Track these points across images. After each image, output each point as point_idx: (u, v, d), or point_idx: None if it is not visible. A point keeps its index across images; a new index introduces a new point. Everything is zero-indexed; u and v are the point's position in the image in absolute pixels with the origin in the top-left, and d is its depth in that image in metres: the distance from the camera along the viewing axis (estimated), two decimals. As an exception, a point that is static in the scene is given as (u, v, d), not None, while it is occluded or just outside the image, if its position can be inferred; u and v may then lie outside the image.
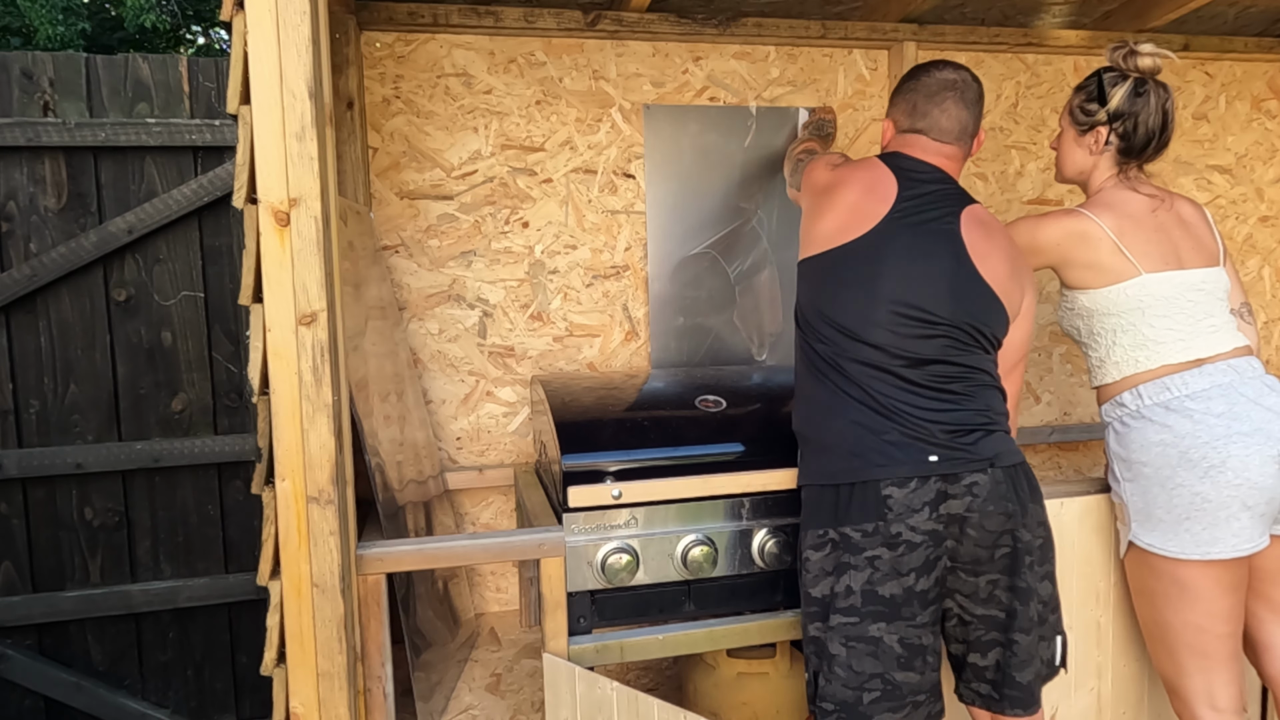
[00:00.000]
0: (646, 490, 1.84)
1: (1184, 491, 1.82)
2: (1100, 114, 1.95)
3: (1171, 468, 1.83)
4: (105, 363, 2.73)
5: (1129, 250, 1.90)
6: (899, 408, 1.69)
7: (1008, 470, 1.70)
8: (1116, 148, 1.96)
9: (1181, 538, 1.83)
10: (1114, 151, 1.97)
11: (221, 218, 2.78)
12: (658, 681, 2.65)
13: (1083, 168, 2.02)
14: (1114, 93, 1.92)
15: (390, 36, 2.34)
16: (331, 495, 1.53)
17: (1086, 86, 1.99)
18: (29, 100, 2.64)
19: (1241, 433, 1.81)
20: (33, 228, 2.65)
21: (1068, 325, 2.06)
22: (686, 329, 2.55)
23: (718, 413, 2.00)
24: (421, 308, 2.41)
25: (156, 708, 2.84)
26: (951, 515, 1.66)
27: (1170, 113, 1.94)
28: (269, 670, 1.59)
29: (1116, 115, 1.93)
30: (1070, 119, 2.02)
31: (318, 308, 1.50)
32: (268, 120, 1.45)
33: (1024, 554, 1.69)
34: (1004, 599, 1.70)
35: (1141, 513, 1.89)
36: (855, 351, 1.72)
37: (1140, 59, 1.91)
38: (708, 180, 2.53)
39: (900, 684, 1.65)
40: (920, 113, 1.85)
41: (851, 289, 1.73)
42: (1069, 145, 2.03)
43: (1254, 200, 2.99)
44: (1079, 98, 2.00)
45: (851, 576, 1.66)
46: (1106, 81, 1.94)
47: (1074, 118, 2.01)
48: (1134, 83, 1.92)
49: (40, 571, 2.73)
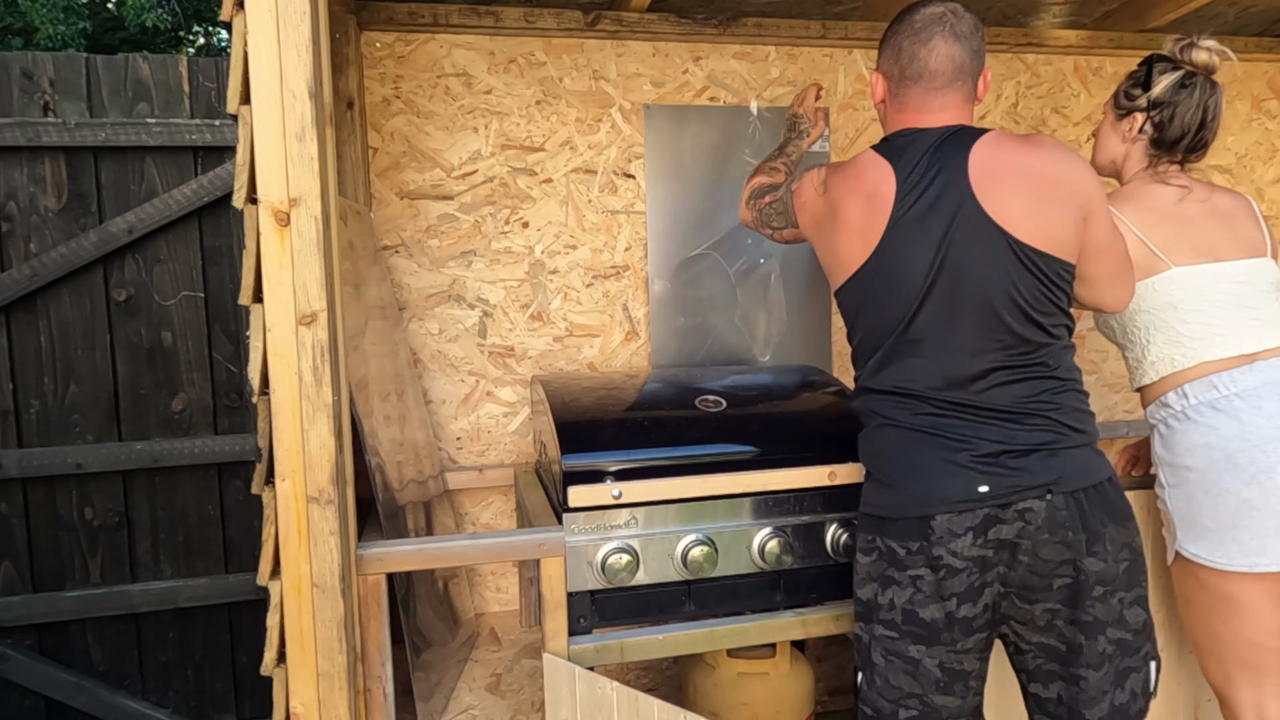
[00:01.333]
0: (646, 490, 1.84)
1: (1230, 498, 1.73)
2: (1141, 99, 1.89)
3: (1217, 472, 1.75)
4: (105, 363, 2.73)
5: (1154, 244, 1.83)
6: (947, 433, 1.57)
7: (1071, 496, 1.55)
8: (1150, 138, 1.90)
9: (1228, 547, 1.75)
10: (1146, 141, 1.91)
11: (222, 218, 2.78)
12: (658, 681, 2.65)
13: (1115, 155, 1.96)
14: (1159, 80, 1.87)
15: (390, 36, 2.34)
16: (331, 495, 1.53)
17: (1136, 72, 1.93)
18: (29, 100, 2.64)
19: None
20: (33, 228, 2.65)
21: (1102, 325, 1.99)
22: (686, 329, 2.55)
23: (718, 413, 2.00)
24: (421, 308, 2.41)
25: (156, 708, 2.84)
26: (1002, 541, 1.55)
27: (1212, 111, 1.87)
28: (269, 670, 1.59)
29: (1156, 103, 1.87)
30: (1113, 103, 1.96)
31: (318, 308, 1.50)
32: (268, 120, 1.45)
33: (1091, 584, 1.55)
34: (1065, 631, 1.58)
35: (1186, 520, 1.81)
36: (892, 376, 1.62)
37: (1197, 52, 1.85)
38: (708, 180, 2.53)
39: (939, 707, 1.59)
40: (908, 56, 1.65)
41: (877, 311, 1.63)
42: (1105, 131, 1.98)
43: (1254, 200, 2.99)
44: (1126, 83, 1.94)
45: (895, 592, 1.60)
46: (1156, 69, 1.88)
47: (1116, 102, 1.95)
48: (1183, 74, 1.86)
49: (40, 571, 2.73)
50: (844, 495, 1.96)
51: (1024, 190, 1.56)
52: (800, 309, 2.62)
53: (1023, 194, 1.55)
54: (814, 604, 1.98)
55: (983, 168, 1.57)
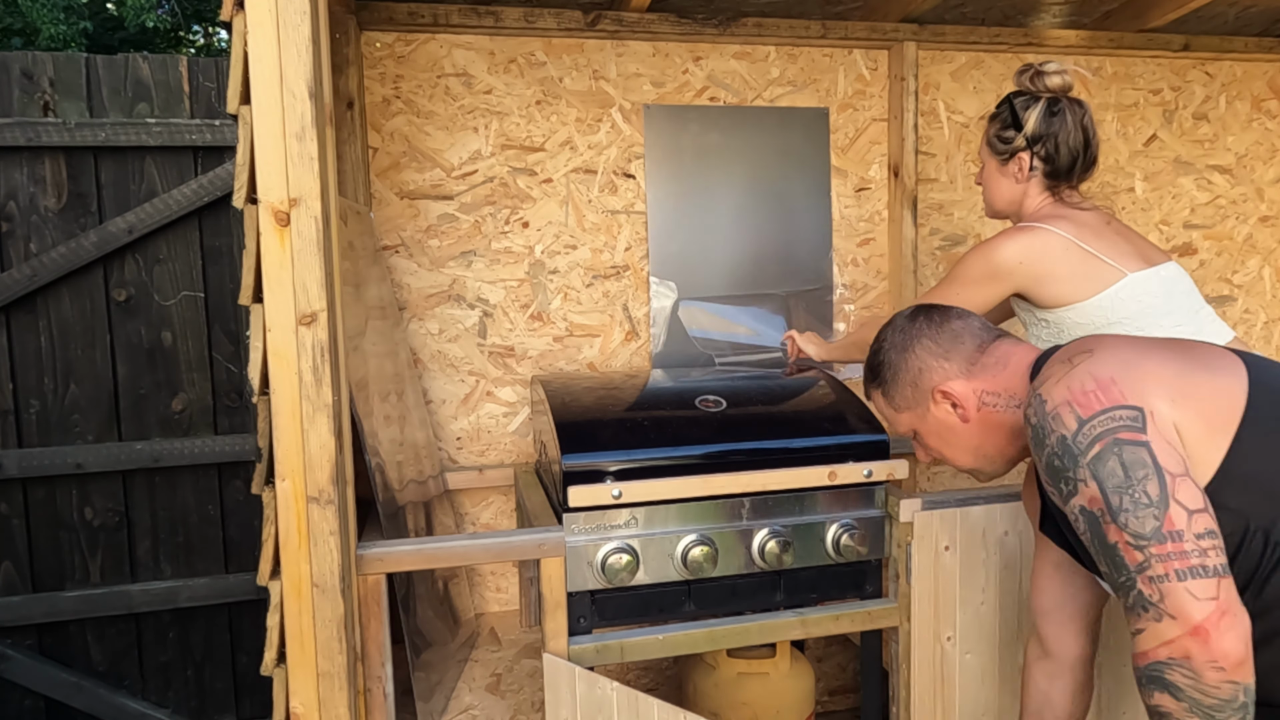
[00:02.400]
0: (646, 490, 1.84)
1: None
2: (1018, 139, 1.87)
3: None
4: (105, 363, 2.73)
5: (1102, 254, 1.80)
6: None
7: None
8: (1042, 171, 1.88)
9: None
10: (1040, 176, 1.89)
11: (222, 218, 2.78)
12: (658, 681, 2.65)
13: (1011, 197, 1.94)
14: (1028, 115, 1.85)
15: (390, 36, 2.34)
16: (331, 495, 1.53)
17: (1000, 114, 1.91)
18: (29, 100, 2.64)
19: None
20: (33, 228, 2.65)
21: (1058, 338, 1.91)
22: (685, 329, 2.55)
23: (718, 413, 2.00)
24: (421, 308, 2.41)
25: (156, 708, 2.84)
26: None
27: (1090, 129, 1.87)
28: (269, 670, 1.59)
29: (1035, 138, 1.86)
30: (989, 150, 1.94)
31: (318, 308, 1.50)
32: (268, 120, 1.45)
33: None
34: None
35: None
36: None
37: (1048, 78, 1.85)
38: (708, 180, 2.53)
39: None
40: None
41: None
42: (993, 177, 1.95)
43: (1254, 200, 2.99)
44: (994, 127, 1.92)
45: None
46: (1018, 105, 1.87)
47: (993, 148, 1.93)
48: (1047, 103, 1.85)
49: (40, 571, 2.73)
50: (844, 495, 1.96)
51: None
52: (800, 308, 2.62)
53: None
54: (814, 604, 1.98)
55: None
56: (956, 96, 2.70)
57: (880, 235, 2.70)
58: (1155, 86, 2.86)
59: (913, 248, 2.64)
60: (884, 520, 1.99)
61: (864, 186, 2.67)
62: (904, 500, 1.94)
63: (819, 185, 2.62)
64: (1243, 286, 3.01)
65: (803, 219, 2.61)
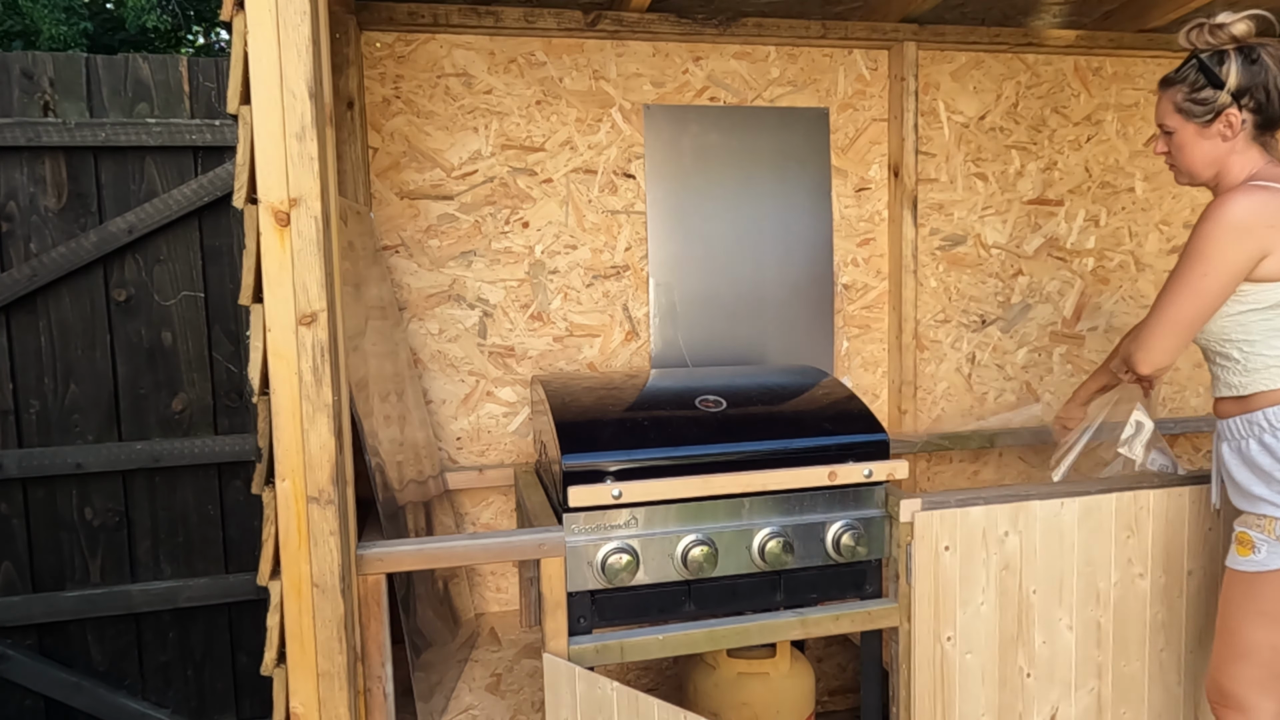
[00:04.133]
0: (646, 490, 1.84)
1: None
2: (1222, 96, 1.76)
3: None
4: (105, 363, 2.73)
5: None
6: None
7: None
8: (1253, 123, 1.78)
9: None
10: (1250, 128, 1.79)
11: (222, 218, 2.78)
12: (658, 681, 2.65)
13: (1217, 156, 1.82)
14: (1228, 70, 1.75)
15: (390, 36, 2.34)
16: (331, 495, 1.53)
17: (1185, 78, 1.81)
18: (29, 100, 2.64)
19: None
20: (33, 228, 2.65)
21: (1228, 325, 1.83)
22: (687, 329, 2.55)
23: (718, 413, 2.00)
24: (421, 308, 2.41)
25: (157, 708, 2.84)
26: None
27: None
28: (269, 670, 1.59)
29: (1241, 91, 1.75)
30: (1183, 116, 1.82)
31: (318, 308, 1.50)
32: (268, 120, 1.45)
33: None
34: None
35: None
36: None
37: (1233, 27, 1.74)
38: (708, 180, 2.53)
39: None
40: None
41: None
42: (1193, 142, 1.83)
43: None
44: (1181, 92, 1.81)
45: None
46: (1211, 62, 1.77)
47: (1189, 113, 1.81)
48: (1243, 53, 1.75)
49: (40, 571, 2.73)
50: (844, 495, 1.96)
51: None
52: (800, 308, 2.62)
53: None
54: (814, 604, 1.98)
55: None
56: (956, 96, 2.70)
57: (880, 235, 2.70)
58: (1155, 86, 2.86)
59: (913, 248, 2.64)
60: (884, 520, 1.99)
61: (864, 186, 2.67)
62: (904, 500, 1.94)
63: (819, 185, 2.62)
64: (1243, 286, 3.01)
65: (803, 219, 2.61)
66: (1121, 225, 2.88)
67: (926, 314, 2.74)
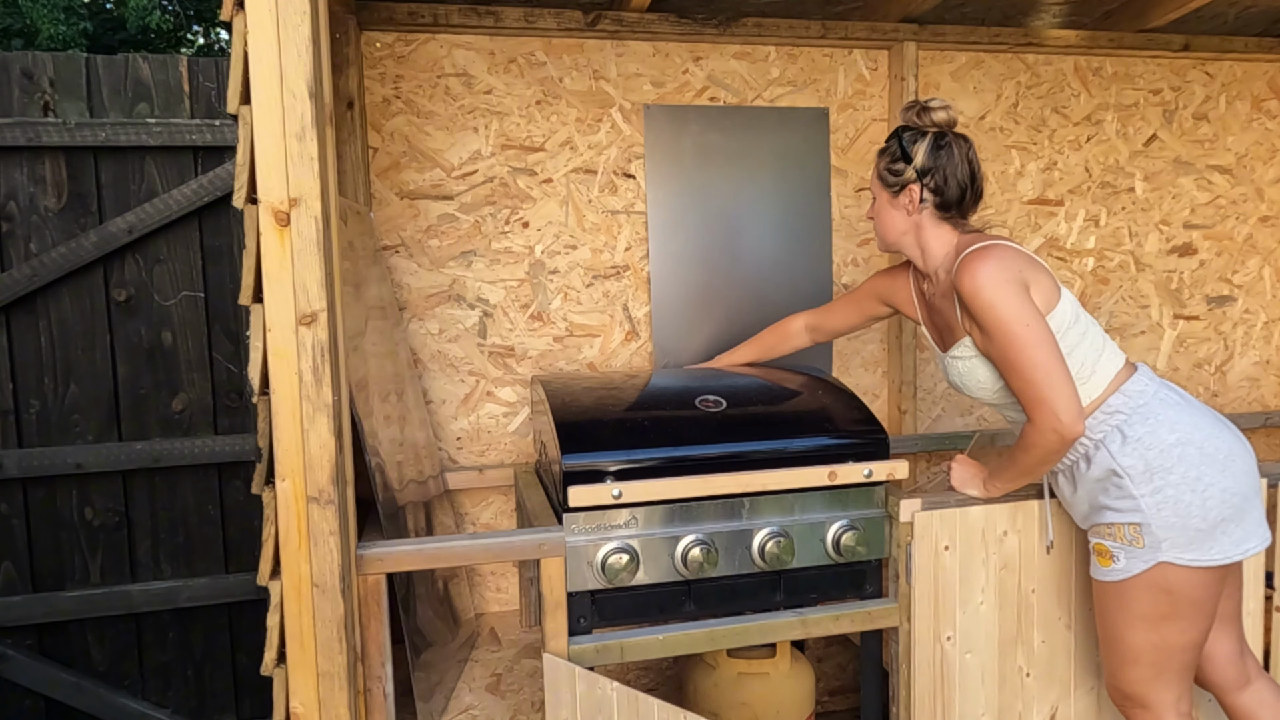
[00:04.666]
0: (646, 490, 1.84)
1: (1215, 491, 1.74)
2: (908, 171, 1.90)
3: (1198, 468, 1.74)
4: (105, 363, 2.73)
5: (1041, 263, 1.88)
6: None
7: None
8: (933, 203, 1.90)
9: (1220, 542, 1.74)
10: (931, 207, 1.91)
11: (222, 218, 2.78)
12: (658, 681, 2.65)
13: (904, 228, 1.95)
14: (916, 149, 1.89)
15: (390, 36, 2.34)
16: (331, 495, 1.53)
17: (889, 149, 1.94)
18: (29, 100, 2.64)
19: (1217, 420, 1.81)
20: (33, 228, 2.65)
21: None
22: (687, 329, 2.55)
23: (718, 413, 2.00)
24: (421, 308, 2.41)
25: (157, 708, 2.84)
26: None
27: (975, 163, 1.91)
28: (269, 670, 1.59)
29: (924, 170, 1.88)
30: (881, 184, 1.96)
31: (318, 308, 1.50)
32: (268, 120, 1.45)
33: None
34: None
35: (1175, 527, 1.73)
36: None
37: (934, 114, 1.89)
38: (708, 180, 2.53)
39: None
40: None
41: None
42: (885, 210, 1.97)
43: (1254, 200, 2.99)
44: (883, 161, 1.95)
45: None
46: (906, 140, 1.91)
47: (884, 181, 1.95)
48: (934, 137, 1.88)
49: (40, 571, 2.73)
50: (844, 495, 1.97)
51: None
52: (800, 308, 2.62)
53: None
54: (814, 604, 1.98)
55: None
56: (957, 96, 2.70)
57: (880, 235, 2.70)
58: (1155, 86, 2.86)
59: (913, 248, 2.64)
60: (884, 520, 1.99)
61: (864, 186, 2.67)
62: (904, 500, 1.94)
63: (819, 185, 2.62)
64: (1243, 286, 3.01)
65: (803, 219, 2.61)
66: (1121, 225, 2.88)
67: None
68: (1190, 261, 2.95)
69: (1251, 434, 3.04)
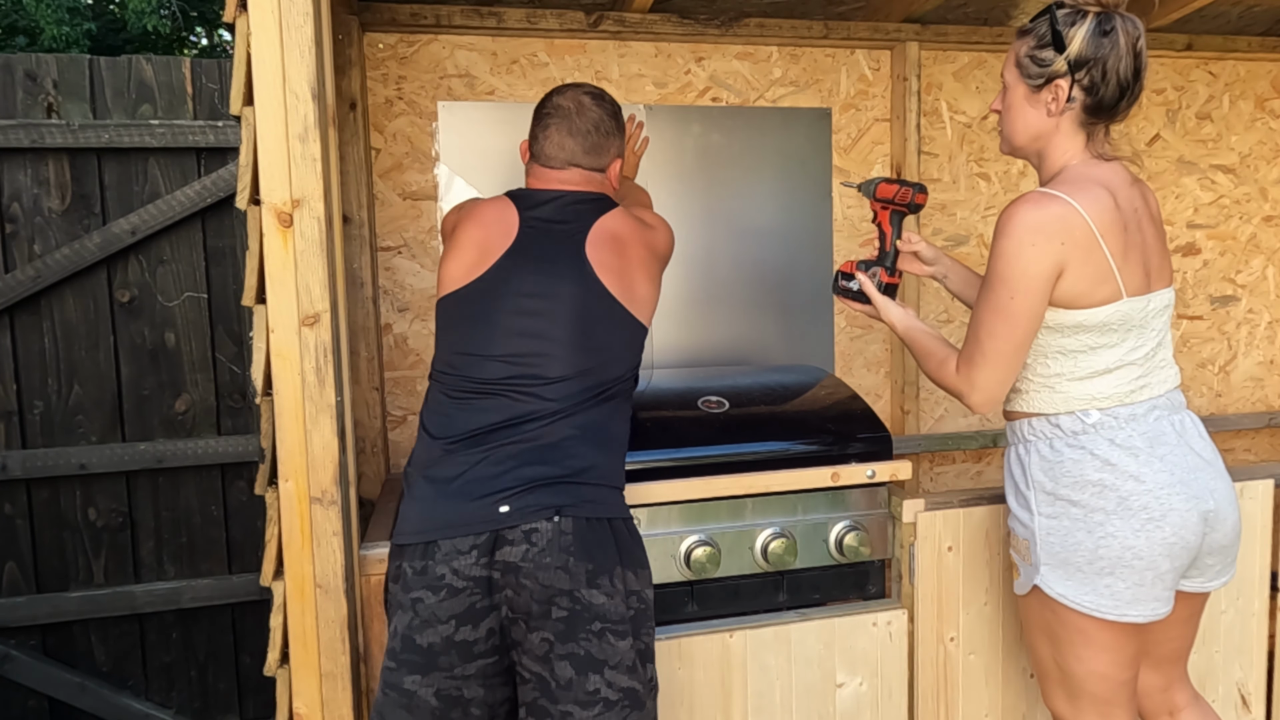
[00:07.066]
0: (649, 491, 1.84)
1: (1114, 543, 1.54)
2: (1059, 62, 1.53)
3: (1106, 513, 1.54)
4: (109, 364, 2.73)
5: (1114, 259, 1.53)
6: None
7: (579, 522, 1.52)
8: (1082, 104, 1.55)
9: (1100, 594, 1.55)
10: (1078, 110, 1.56)
11: (225, 219, 2.79)
12: (661, 682, 2.64)
13: (1039, 131, 1.60)
14: (1073, 34, 1.51)
15: (393, 37, 2.34)
16: (334, 496, 1.53)
17: (1035, 29, 1.57)
18: (33, 102, 2.64)
19: (1182, 481, 1.55)
20: (36, 229, 2.65)
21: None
22: (688, 330, 2.55)
23: (720, 414, 2.00)
24: (424, 308, 2.41)
25: (160, 708, 2.84)
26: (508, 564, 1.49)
27: (1143, 54, 1.53)
28: (272, 671, 1.59)
29: (1080, 63, 1.51)
30: (1019, 72, 1.59)
31: (321, 308, 1.50)
32: (271, 121, 1.45)
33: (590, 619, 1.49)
34: (556, 665, 1.48)
35: (1057, 557, 1.59)
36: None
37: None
38: (709, 180, 2.53)
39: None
40: (534, 138, 1.78)
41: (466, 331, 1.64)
42: (1018, 106, 1.61)
43: (1258, 200, 2.99)
44: (1026, 44, 1.57)
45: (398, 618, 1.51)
46: (1061, 21, 1.52)
47: (1024, 70, 1.58)
48: (1097, 19, 1.51)
49: (44, 572, 2.74)
50: (847, 496, 1.96)
51: (636, 268, 1.71)
52: (802, 309, 2.62)
53: (636, 270, 1.71)
54: (817, 604, 1.98)
55: (601, 237, 1.70)
56: (959, 96, 2.70)
57: (883, 235, 2.69)
58: (1158, 86, 2.86)
59: (915, 248, 2.64)
60: (887, 521, 1.99)
61: (866, 187, 2.67)
62: (907, 501, 1.93)
63: (821, 185, 2.62)
64: (1246, 286, 3.01)
65: (805, 219, 2.61)
66: (1124, 225, 2.88)
67: (929, 314, 2.73)
68: (1194, 261, 2.95)
69: (1255, 434, 3.04)
